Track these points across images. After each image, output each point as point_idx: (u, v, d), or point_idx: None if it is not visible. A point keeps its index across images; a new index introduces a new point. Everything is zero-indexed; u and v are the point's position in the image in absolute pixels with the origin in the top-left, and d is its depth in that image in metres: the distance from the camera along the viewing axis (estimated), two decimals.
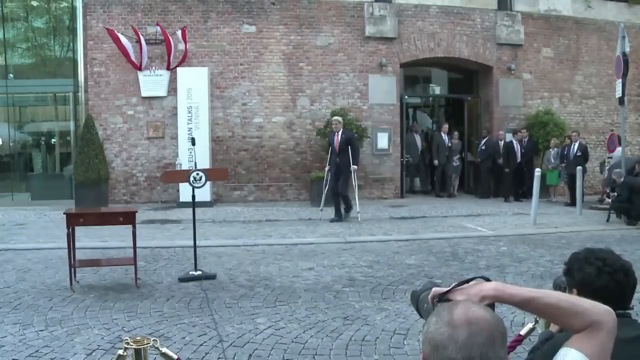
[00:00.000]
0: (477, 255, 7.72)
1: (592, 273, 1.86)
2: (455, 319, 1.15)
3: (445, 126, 15.27)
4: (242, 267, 7.00)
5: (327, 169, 11.04)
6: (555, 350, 1.39)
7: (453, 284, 1.31)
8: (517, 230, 9.82)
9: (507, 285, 1.32)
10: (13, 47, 14.77)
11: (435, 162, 14.87)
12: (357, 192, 10.77)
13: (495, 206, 12.94)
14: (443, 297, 1.29)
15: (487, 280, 1.32)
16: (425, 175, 16.03)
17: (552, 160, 14.10)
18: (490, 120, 15.29)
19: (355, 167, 10.70)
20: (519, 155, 14.19)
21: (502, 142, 14.39)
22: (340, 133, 10.73)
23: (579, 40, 15.76)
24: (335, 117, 11.13)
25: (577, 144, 13.36)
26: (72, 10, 14.04)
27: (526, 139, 14.26)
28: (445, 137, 14.89)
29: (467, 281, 1.32)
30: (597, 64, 15.87)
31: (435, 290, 1.33)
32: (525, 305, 1.32)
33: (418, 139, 15.41)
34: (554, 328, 2.07)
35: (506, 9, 15.08)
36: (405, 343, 4.41)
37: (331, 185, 10.79)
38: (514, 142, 14.34)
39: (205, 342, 4.42)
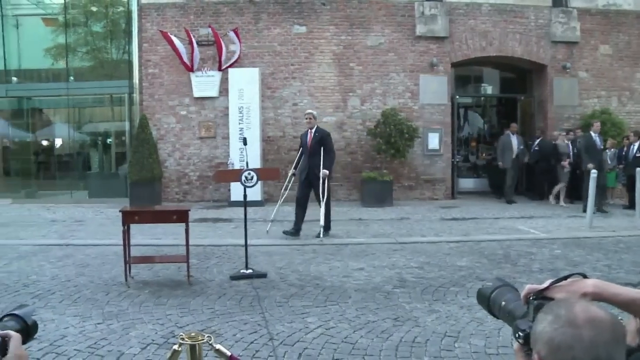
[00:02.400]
0: (530, 258, 7.53)
1: None
2: (577, 318, 1.09)
3: (598, 125, 12.56)
4: (292, 266, 7.05)
5: (290, 173, 9.36)
6: None
7: (549, 281, 1.27)
8: (572, 233, 9.52)
9: (608, 283, 1.25)
10: (74, 51, 15.33)
11: (590, 165, 11.63)
12: (323, 202, 8.71)
13: (549, 208, 12.60)
14: (539, 295, 1.25)
15: (585, 277, 1.26)
16: (497, 179, 14.38)
17: (609, 162, 13.59)
18: (544, 121, 14.88)
19: (326, 172, 8.68)
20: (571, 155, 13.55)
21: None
22: (313, 130, 8.94)
23: None
24: (309, 111, 9.35)
25: (637, 145, 12.85)
26: (128, 14, 14.48)
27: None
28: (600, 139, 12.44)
29: (565, 278, 1.26)
30: None
31: (530, 287, 1.28)
32: (628, 306, 1.23)
33: (515, 140, 13.86)
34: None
35: (561, 5, 14.64)
36: (456, 346, 4.35)
37: (300, 193, 8.98)
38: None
39: (256, 339, 4.48)
